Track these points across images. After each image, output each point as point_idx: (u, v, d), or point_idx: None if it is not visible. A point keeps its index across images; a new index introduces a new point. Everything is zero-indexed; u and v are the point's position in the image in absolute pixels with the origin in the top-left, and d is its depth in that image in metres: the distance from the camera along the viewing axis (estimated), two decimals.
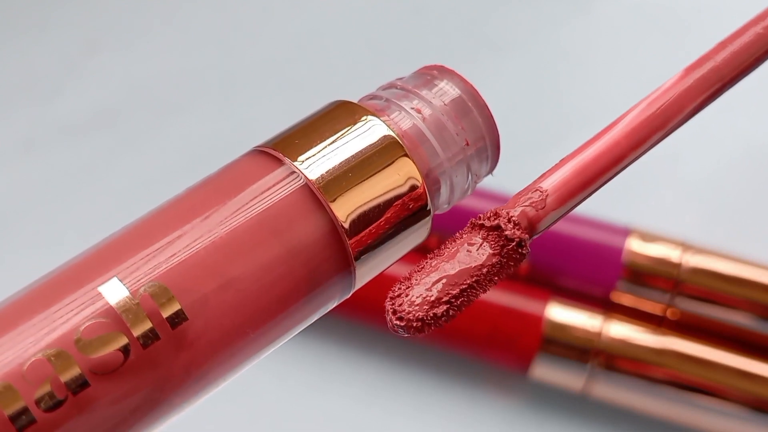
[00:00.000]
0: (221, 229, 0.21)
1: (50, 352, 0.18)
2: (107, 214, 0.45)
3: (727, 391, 0.39)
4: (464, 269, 0.21)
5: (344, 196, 0.21)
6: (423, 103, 0.23)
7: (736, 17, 0.52)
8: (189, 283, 0.20)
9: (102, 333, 0.19)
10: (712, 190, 0.46)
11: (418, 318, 0.20)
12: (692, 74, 0.24)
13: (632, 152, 0.23)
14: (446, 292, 0.21)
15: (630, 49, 0.51)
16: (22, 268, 0.44)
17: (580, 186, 0.23)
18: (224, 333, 0.20)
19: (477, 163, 0.24)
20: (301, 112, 0.51)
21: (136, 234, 0.21)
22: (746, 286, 0.40)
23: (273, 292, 0.21)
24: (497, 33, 0.51)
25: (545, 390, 0.41)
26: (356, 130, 0.22)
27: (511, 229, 0.21)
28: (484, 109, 0.23)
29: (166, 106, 0.48)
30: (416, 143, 0.23)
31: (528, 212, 0.22)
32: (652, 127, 0.24)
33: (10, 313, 0.19)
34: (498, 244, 0.21)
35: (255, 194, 0.21)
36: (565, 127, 0.48)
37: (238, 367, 0.21)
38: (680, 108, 0.24)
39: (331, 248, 0.21)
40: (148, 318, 0.19)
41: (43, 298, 0.19)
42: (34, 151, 0.46)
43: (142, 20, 0.50)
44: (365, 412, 0.41)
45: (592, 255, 0.40)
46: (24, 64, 0.49)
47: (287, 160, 0.22)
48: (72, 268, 0.20)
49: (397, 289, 0.21)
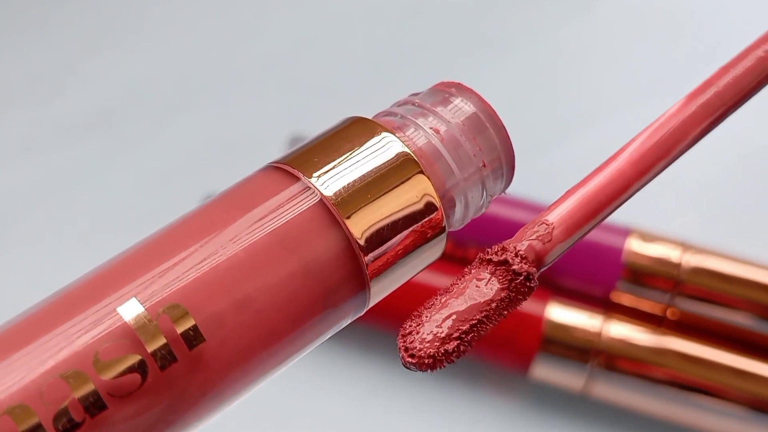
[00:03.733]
0: (237, 246, 0.20)
1: (68, 373, 0.18)
2: (107, 214, 0.45)
3: (727, 391, 0.39)
4: (474, 305, 0.21)
5: (360, 213, 0.21)
6: (439, 120, 0.23)
7: (736, 17, 0.52)
8: (206, 303, 0.20)
9: (120, 355, 0.19)
10: (712, 190, 0.46)
11: (430, 355, 0.20)
12: (695, 101, 0.24)
13: (637, 182, 0.23)
14: (456, 328, 0.21)
15: (629, 49, 0.51)
16: (22, 268, 0.44)
17: (586, 217, 0.23)
18: (240, 353, 0.20)
19: (492, 182, 0.24)
20: (301, 112, 0.51)
21: (152, 251, 0.21)
22: (746, 286, 0.40)
23: (289, 311, 0.21)
24: (497, 33, 0.51)
25: (545, 390, 0.41)
26: (372, 146, 0.22)
27: (519, 263, 0.21)
28: (502, 129, 0.23)
29: (166, 106, 0.48)
30: (432, 160, 0.23)
31: (535, 246, 0.22)
32: (656, 156, 0.24)
33: (27, 329, 0.19)
34: (506, 279, 0.21)
35: (271, 210, 0.21)
36: (565, 127, 0.48)
37: (252, 385, 0.21)
38: (684, 135, 0.24)
39: (346, 265, 0.21)
40: (166, 340, 0.19)
41: (60, 316, 0.19)
42: (34, 151, 0.46)
43: (142, 20, 0.50)
44: (365, 412, 0.41)
45: (592, 255, 0.40)
46: (24, 64, 0.49)
47: (303, 176, 0.22)
48: (89, 285, 0.20)
49: (408, 326, 0.21)
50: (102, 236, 0.44)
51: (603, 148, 0.48)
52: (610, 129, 0.48)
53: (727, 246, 0.41)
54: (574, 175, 0.46)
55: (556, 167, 0.46)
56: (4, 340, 0.19)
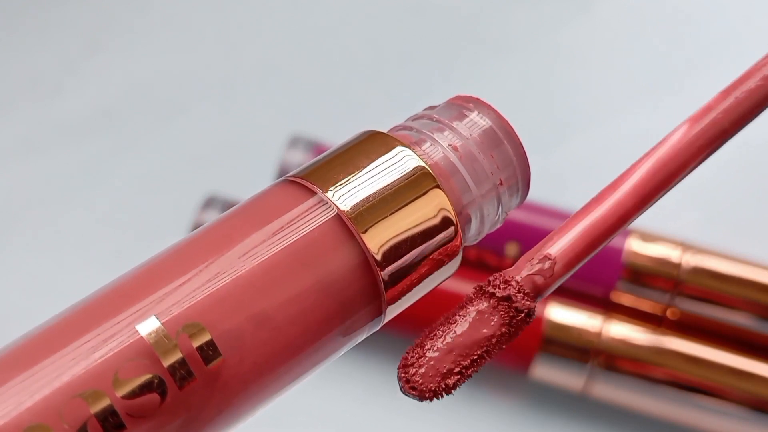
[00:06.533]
0: (254, 261, 0.20)
1: (88, 392, 0.18)
2: (107, 214, 0.45)
3: (727, 391, 0.39)
4: (474, 340, 0.21)
5: (376, 228, 0.21)
6: (455, 135, 0.23)
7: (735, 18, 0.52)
8: (224, 320, 0.20)
9: (139, 374, 0.19)
10: (711, 190, 0.46)
11: (431, 389, 0.21)
12: (695, 126, 0.24)
13: (637, 211, 0.23)
14: (458, 363, 0.21)
15: (629, 49, 0.51)
16: (22, 269, 0.44)
17: (586, 249, 0.23)
18: (256, 370, 0.20)
19: (507, 197, 0.24)
20: (301, 112, 0.51)
21: (170, 266, 0.21)
22: (746, 286, 0.40)
23: (305, 327, 0.21)
24: (497, 33, 0.51)
25: (545, 390, 0.41)
26: (388, 161, 0.22)
27: (521, 300, 0.22)
28: (519, 147, 0.23)
29: (166, 107, 0.48)
30: (448, 175, 0.23)
31: (537, 281, 0.22)
32: (656, 185, 0.24)
33: (44, 345, 0.19)
34: (508, 315, 0.22)
35: (287, 225, 0.21)
36: (565, 127, 0.48)
37: (267, 401, 0.21)
38: (685, 164, 0.24)
39: (362, 280, 0.21)
40: (185, 358, 0.19)
41: (78, 332, 0.19)
42: (34, 151, 0.46)
43: (142, 20, 0.50)
44: (366, 411, 0.41)
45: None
46: (24, 64, 0.49)
47: (319, 190, 0.22)
48: (108, 301, 0.20)
49: (410, 357, 0.21)
50: (102, 236, 0.44)
51: (602, 148, 0.48)
52: (609, 129, 0.48)
53: (727, 246, 0.41)
54: (574, 175, 0.46)
55: (555, 167, 0.46)
56: (22, 354, 0.19)
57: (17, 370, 0.18)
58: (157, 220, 0.45)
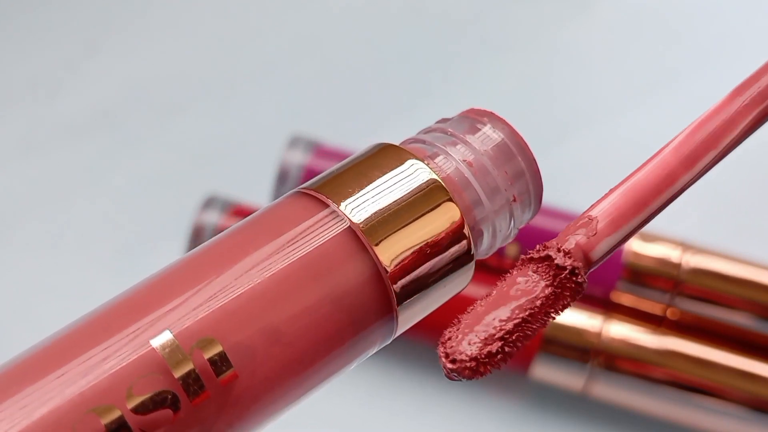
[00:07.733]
0: (266, 274, 0.20)
1: (101, 407, 0.18)
2: (107, 214, 0.45)
3: (727, 391, 0.39)
4: (517, 305, 0.20)
5: (388, 240, 0.21)
6: (467, 148, 0.23)
7: (734, 18, 0.52)
8: (237, 334, 0.20)
9: (153, 389, 0.19)
10: (712, 190, 0.46)
11: (472, 357, 0.19)
12: (741, 94, 0.23)
13: (685, 171, 0.22)
14: (500, 328, 0.20)
15: (628, 49, 0.51)
16: (22, 269, 0.44)
17: (632, 209, 0.22)
18: (268, 384, 0.20)
19: (520, 211, 0.24)
20: (301, 112, 0.51)
21: (182, 278, 0.20)
22: (746, 286, 0.40)
23: (316, 340, 0.21)
24: (497, 33, 0.51)
25: (545, 390, 0.41)
26: (400, 174, 0.22)
27: (562, 258, 0.21)
28: (533, 163, 0.23)
29: (166, 107, 0.48)
30: (460, 189, 0.23)
31: (579, 240, 0.21)
32: (702, 146, 0.23)
33: (56, 358, 0.19)
34: (550, 275, 0.20)
35: (299, 237, 0.21)
36: (565, 127, 0.48)
37: (277, 415, 0.21)
38: (732, 127, 0.23)
39: (374, 293, 0.21)
40: (199, 373, 0.19)
41: (90, 345, 0.19)
42: (34, 151, 0.46)
43: (142, 20, 0.50)
44: (365, 412, 0.41)
45: None
46: (24, 64, 0.49)
47: (331, 202, 0.22)
48: (120, 314, 0.20)
49: (448, 332, 0.20)
50: (102, 236, 0.44)
51: (602, 148, 0.48)
52: (609, 129, 0.48)
53: (727, 246, 0.41)
54: (574, 175, 0.46)
55: (555, 167, 0.46)
56: (33, 365, 0.19)
57: (28, 381, 0.18)
58: (156, 220, 0.45)
